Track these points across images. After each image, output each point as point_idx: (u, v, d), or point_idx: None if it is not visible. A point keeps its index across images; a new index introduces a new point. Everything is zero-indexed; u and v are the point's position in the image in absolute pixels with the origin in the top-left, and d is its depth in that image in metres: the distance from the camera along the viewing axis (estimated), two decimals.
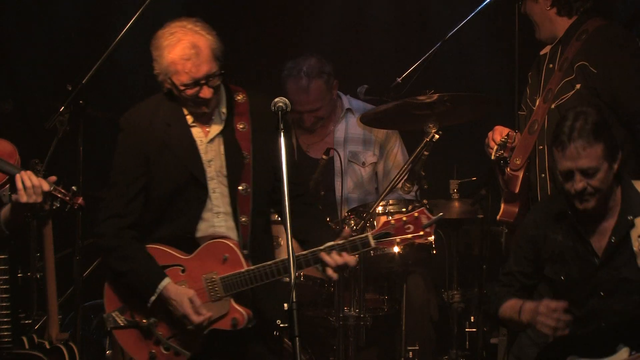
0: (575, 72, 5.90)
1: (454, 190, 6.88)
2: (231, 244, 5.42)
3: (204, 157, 5.48)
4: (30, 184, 5.05)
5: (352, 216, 6.61)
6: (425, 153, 6.36)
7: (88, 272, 7.08)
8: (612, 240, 5.28)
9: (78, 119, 6.49)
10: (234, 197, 5.45)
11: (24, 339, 6.26)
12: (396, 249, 6.53)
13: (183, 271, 5.47)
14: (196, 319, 5.38)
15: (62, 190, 5.18)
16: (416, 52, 6.77)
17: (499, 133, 6.11)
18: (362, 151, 7.32)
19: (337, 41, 8.12)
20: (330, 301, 6.72)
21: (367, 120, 6.93)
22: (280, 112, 5.02)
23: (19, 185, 5.06)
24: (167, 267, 5.48)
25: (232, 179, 5.45)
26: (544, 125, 5.96)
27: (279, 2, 8.00)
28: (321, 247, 5.31)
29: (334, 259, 5.29)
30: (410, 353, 6.75)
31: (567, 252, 5.37)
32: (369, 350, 6.94)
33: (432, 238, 5.20)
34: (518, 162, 5.90)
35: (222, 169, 5.47)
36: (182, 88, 5.36)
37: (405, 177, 6.41)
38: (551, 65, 6.07)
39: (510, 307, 5.46)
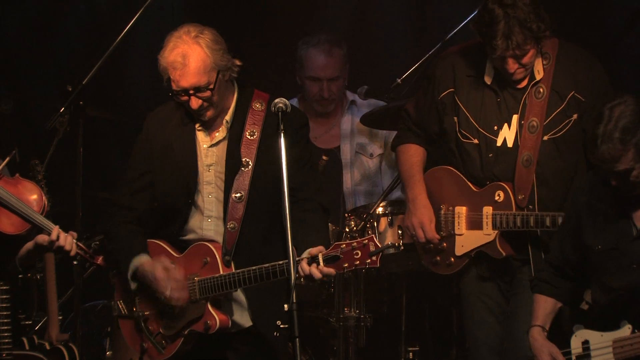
0: (569, 103, 5.77)
1: None
2: (213, 248, 5.42)
3: (204, 161, 5.48)
4: (56, 239, 5.10)
5: (352, 217, 6.61)
6: None
7: (88, 273, 7.08)
8: None
9: (78, 119, 6.50)
10: (227, 203, 5.44)
11: (24, 339, 6.28)
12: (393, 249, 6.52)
13: None
14: (169, 291, 5.37)
15: (84, 247, 5.19)
16: (416, 52, 6.78)
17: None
18: (369, 142, 7.30)
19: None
20: (330, 302, 6.72)
21: (368, 121, 6.94)
22: (280, 113, 5.03)
23: (54, 237, 5.12)
24: None
25: (227, 186, 5.44)
26: (538, 159, 5.82)
27: (279, 3, 7.99)
28: (277, 263, 5.25)
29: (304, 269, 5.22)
30: (411, 353, 6.75)
31: (608, 219, 5.35)
32: (369, 351, 6.93)
33: (377, 265, 5.21)
34: (521, 197, 5.83)
35: (221, 175, 5.46)
36: (170, 94, 5.38)
37: None
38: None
39: (538, 306, 5.54)
